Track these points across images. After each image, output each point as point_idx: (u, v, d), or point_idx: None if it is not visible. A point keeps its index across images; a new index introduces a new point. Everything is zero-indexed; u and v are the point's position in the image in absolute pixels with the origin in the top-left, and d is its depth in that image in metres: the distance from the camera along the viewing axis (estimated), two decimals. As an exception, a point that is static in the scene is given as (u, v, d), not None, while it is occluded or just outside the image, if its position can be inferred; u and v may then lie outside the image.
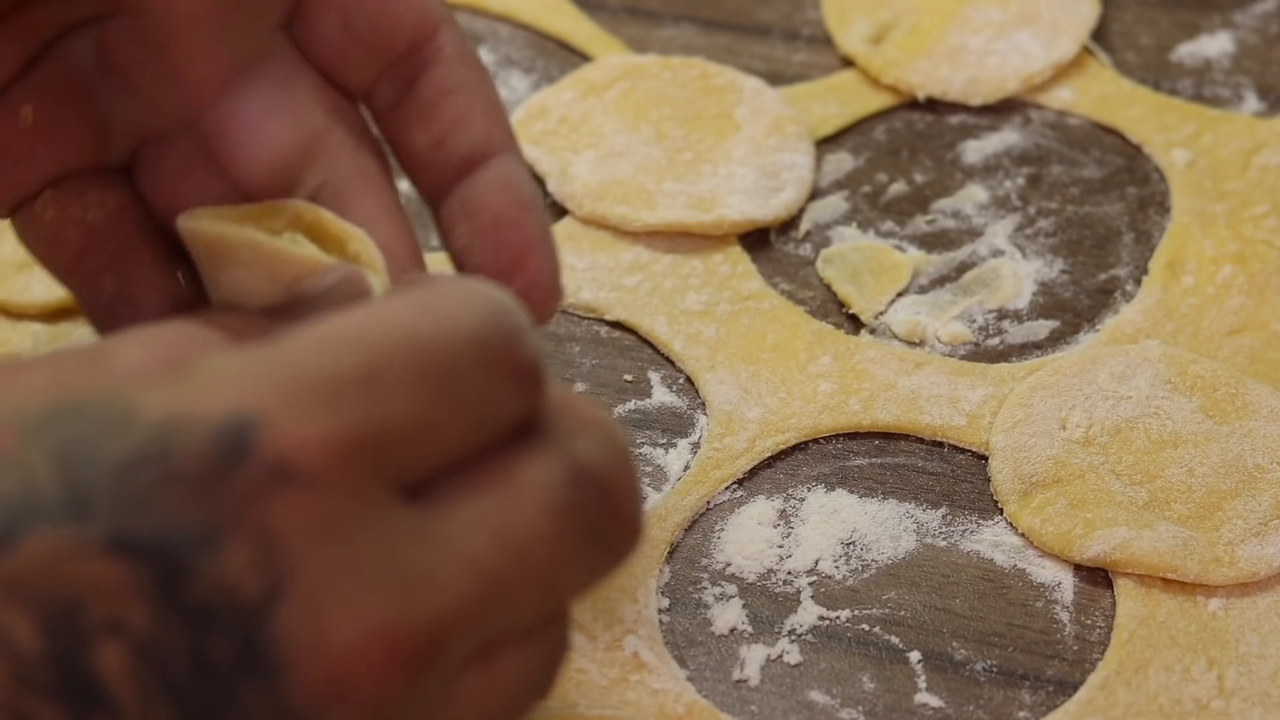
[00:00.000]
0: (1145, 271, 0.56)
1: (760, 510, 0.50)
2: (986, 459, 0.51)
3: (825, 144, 0.60)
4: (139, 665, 0.30)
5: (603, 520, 0.34)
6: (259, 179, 0.43)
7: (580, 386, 0.53)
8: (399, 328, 0.32)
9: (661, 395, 0.53)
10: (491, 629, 0.32)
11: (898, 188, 0.59)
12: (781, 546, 0.49)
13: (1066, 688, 0.46)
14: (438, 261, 0.47)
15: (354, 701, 0.30)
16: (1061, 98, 0.61)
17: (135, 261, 0.43)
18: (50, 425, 0.30)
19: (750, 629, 0.48)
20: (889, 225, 0.58)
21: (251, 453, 0.30)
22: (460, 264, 0.43)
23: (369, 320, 0.33)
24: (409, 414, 0.32)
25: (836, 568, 0.49)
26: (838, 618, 0.48)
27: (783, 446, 0.51)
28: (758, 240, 0.57)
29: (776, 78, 0.62)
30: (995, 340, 0.55)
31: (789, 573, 0.49)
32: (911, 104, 0.61)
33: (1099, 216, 0.58)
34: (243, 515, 0.30)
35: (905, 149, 0.60)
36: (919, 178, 0.59)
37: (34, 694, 0.29)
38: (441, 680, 0.32)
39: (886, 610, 0.48)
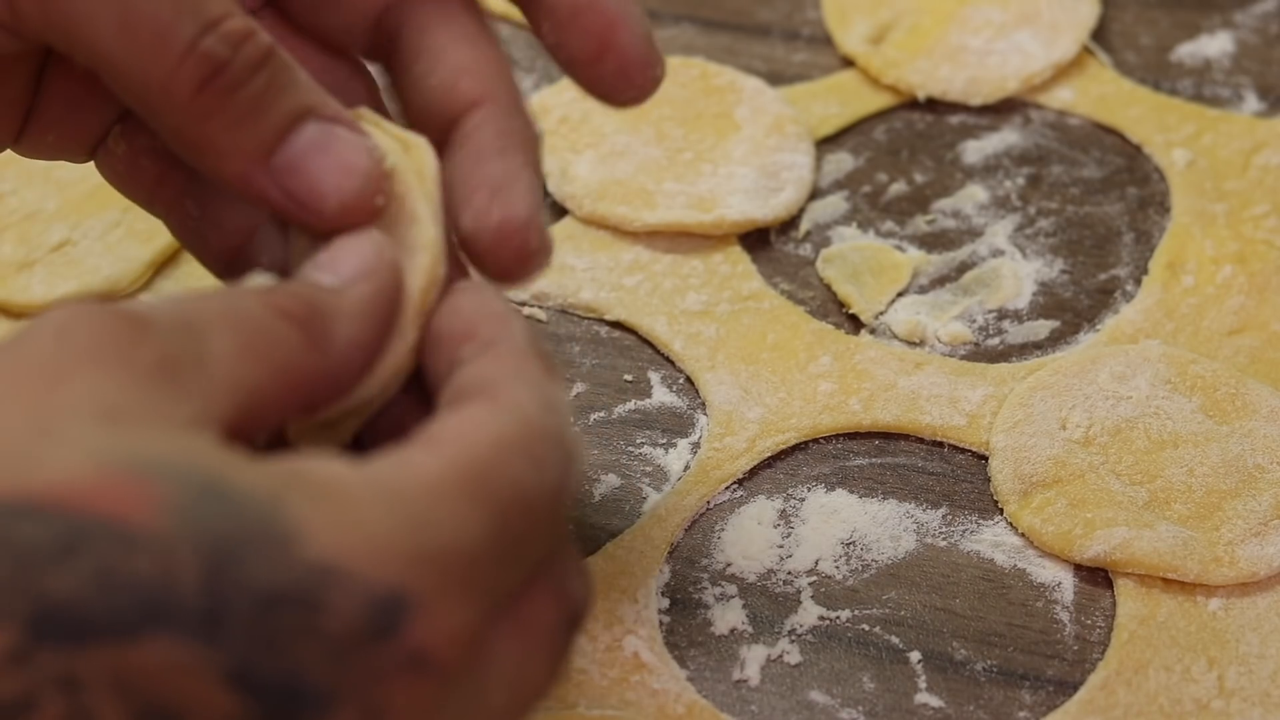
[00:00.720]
0: (1145, 271, 0.56)
1: (760, 510, 0.50)
2: (986, 459, 0.51)
3: (825, 144, 0.60)
4: None
5: (570, 650, 0.36)
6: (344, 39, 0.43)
7: (580, 386, 0.53)
8: (511, 481, 0.33)
9: (661, 395, 0.53)
10: None
11: (898, 188, 0.59)
12: (781, 546, 0.49)
13: (1066, 688, 0.46)
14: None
15: None
16: (1061, 98, 0.61)
17: (211, 183, 0.43)
18: (199, 511, 0.30)
19: (750, 629, 0.48)
20: (889, 225, 0.58)
21: (397, 635, 0.30)
22: (556, 59, 0.42)
23: (492, 471, 0.33)
24: (513, 581, 0.33)
25: (836, 568, 0.49)
26: (838, 618, 0.48)
27: (783, 446, 0.51)
28: (758, 240, 0.57)
29: (776, 78, 0.62)
30: (995, 340, 0.55)
31: (789, 573, 0.49)
32: (911, 104, 0.61)
33: (1099, 216, 0.58)
34: (367, 689, 0.30)
35: (905, 149, 0.60)
36: (919, 178, 0.59)
37: None
38: None
39: (886, 610, 0.48)
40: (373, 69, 0.44)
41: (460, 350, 0.37)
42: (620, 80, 0.42)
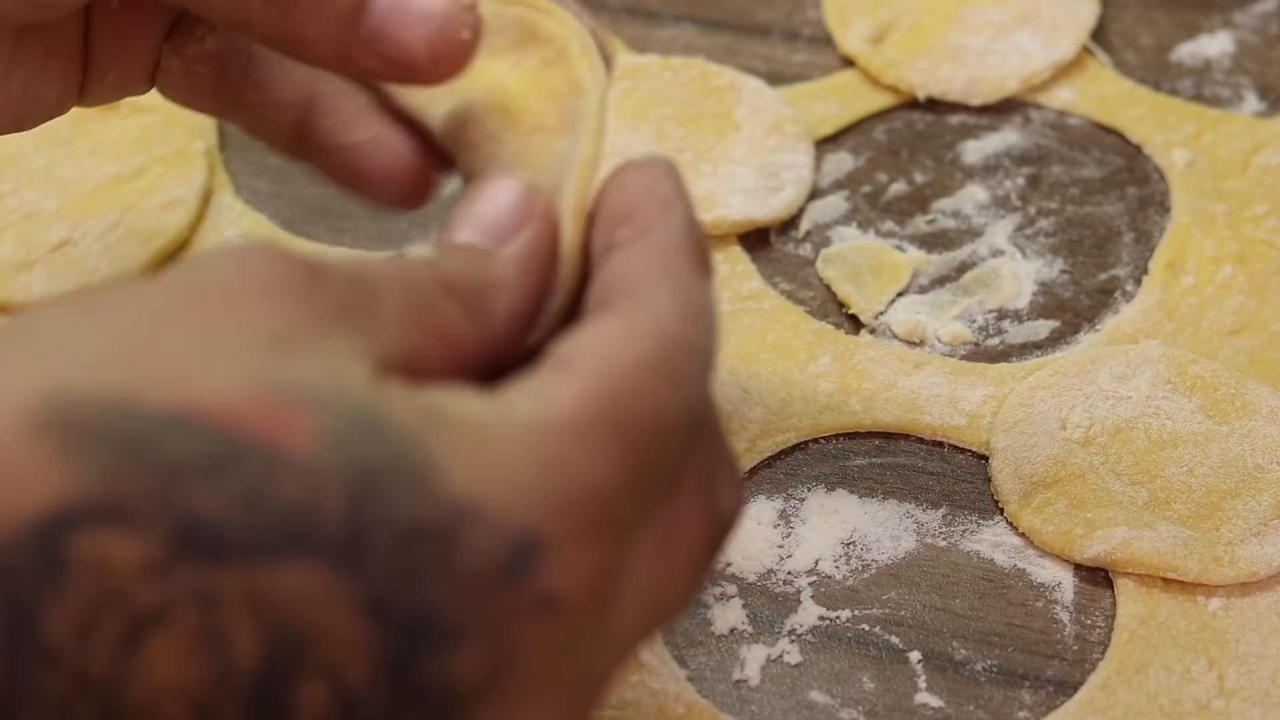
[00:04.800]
0: (1145, 271, 0.56)
1: (760, 510, 0.50)
2: (986, 459, 0.51)
3: (825, 144, 0.60)
4: (336, 714, 0.30)
5: (713, 564, 0.36)
6: None
7: (580, 386, 0.53)
8: (649, 408, 0.33)
9: (661, 395, 0.53)
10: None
11: (898, 188, 0.59)
12: (781, 546, 0.49)
13: (1066, 688, 0.46)
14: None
15: None
16: (1061, 98, 0.61)
17: (265, 65, 0.44)
18: (347, 441, 0.30)
19: (750, 629, 0.48)
20: (889, 225, 0.58)
21: (528, 576, 0.31)
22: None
23: (629, 401, 0.33)
24: (650, 506, 0.33)
25: (836, 568, 0.49)
26: (838, 618, 0.48)
27: (783, 446, 0.51)
28: (758, 240, 0.57)
29: (776, 78, 0.62)
30: (995, 340, 0.55)
31: (789, 573, 0.49)
32: (911, 104, 0.61)
33: (1099, 216, 0.58)
34: (497, 627, 0.31)
35: (905, 149, 0.60)
36: (919, 178, 0.59)
37: (228, 698, 0.29)
38: None
39: (886, 610, 0.48)
40: None
41: (618, 231, 0.37)
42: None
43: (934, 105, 0.61)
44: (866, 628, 0.48)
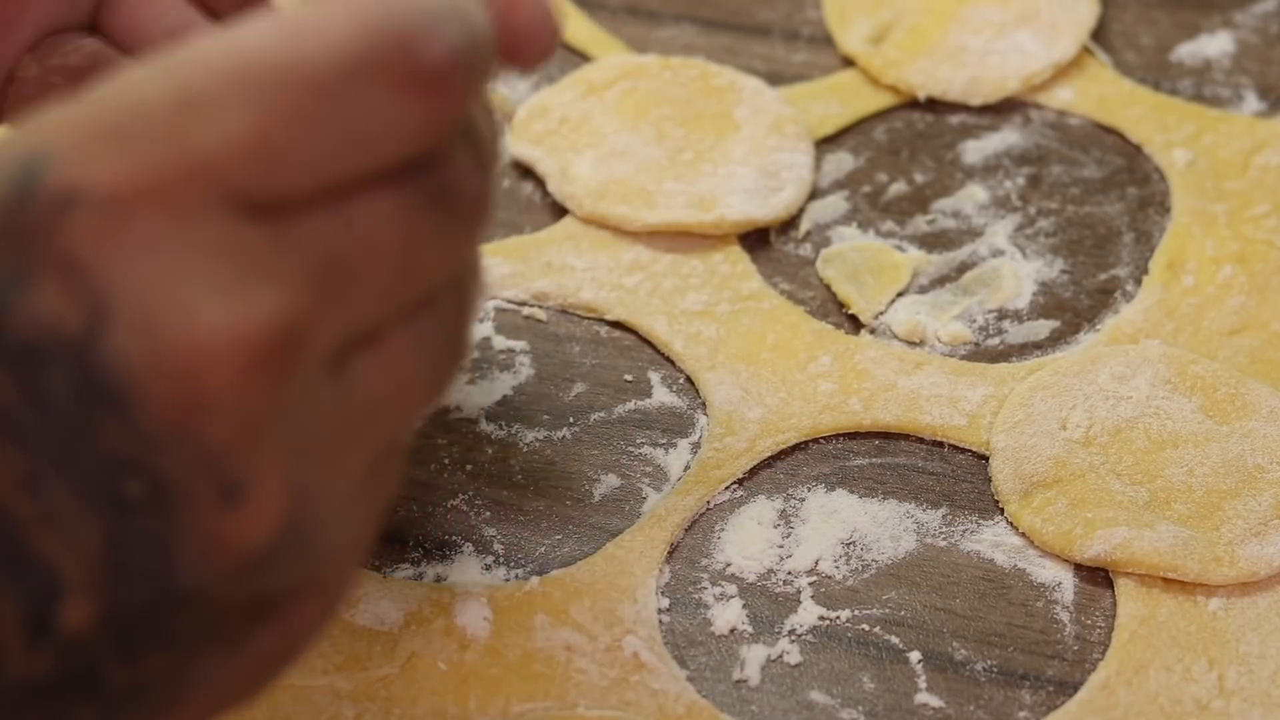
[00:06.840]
0: (1145, 271, 0.56)
1: (760, 510, 0.50)
2: (986, 459, 0.51)
3: (825, 144, 0.60)
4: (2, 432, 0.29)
5: (450, 200, 0.33)
6: None
7: (580, 386, 0.53)
8: (239, 52, 0.31)
9: (661, 395, 0.53)
10: (358, 317, 0.32)
11: (898, 188, 0.59)
12: (781, 546, 0.49)
13: (1066, 688, 0.46)
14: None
15: (218, 411, 0.30)
16: (1061, 98, 0.61)
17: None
18: None
19: (750, 629, 0.48)
20: (889, 225, 0.58)
21: (40, 187, 0.29)
22: None
23: (201, 49, 0.31)
24: (240, 136, 0.30)
25: (836, 568, 0.49)
26: (838, 618, 0.48)
27: (783, 446, 0.51)
28: (758, 240, 0.57)
29: (776, 78, 0.62)
30: (995, 340, 0.55)
31: (789, 573, 0.49)
32: (911, 104, 0.61)
33: (1099, 216, 0.58)
34: (41, 248, 0.29)
35: (905, 149, 0.60)
36: (919, 178, 0.59)
37: None
38: (319, 375, 0.31)
39: (886, 610, 0.48)
40: None
41: None
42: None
43: (934, 105, 0.61)
44: (866, 628, 0.48)
